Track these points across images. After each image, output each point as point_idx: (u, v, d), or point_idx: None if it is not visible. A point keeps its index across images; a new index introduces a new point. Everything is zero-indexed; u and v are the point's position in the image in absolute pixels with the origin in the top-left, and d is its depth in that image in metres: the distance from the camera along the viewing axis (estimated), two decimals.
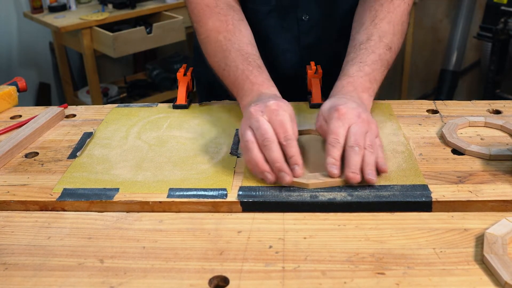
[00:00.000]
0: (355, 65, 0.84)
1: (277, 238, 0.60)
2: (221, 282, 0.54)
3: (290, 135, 0.70)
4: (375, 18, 0.89)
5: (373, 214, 0.64)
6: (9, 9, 2.85)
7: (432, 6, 3.06)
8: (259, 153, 0.70)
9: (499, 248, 0.55)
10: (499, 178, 0.70)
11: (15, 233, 0.63)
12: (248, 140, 0.70)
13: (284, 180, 0.68)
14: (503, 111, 0.91)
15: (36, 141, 0.86)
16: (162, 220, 0.65)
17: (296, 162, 0.69)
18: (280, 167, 0.68)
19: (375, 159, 0.69)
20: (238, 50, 0.88)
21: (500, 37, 2.61)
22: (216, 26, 0.91)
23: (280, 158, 0.68)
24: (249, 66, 0.85)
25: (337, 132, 0.70)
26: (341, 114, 0.71)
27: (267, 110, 0.72)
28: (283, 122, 0.71)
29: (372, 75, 0.83)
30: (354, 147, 0.68)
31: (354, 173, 0.67)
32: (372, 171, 0.68)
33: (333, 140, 0.70)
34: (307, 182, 0.68)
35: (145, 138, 0.85)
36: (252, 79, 0.83)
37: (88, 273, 0.56)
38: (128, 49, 2.61)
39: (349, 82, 0.82)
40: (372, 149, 0.69)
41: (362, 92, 0.81)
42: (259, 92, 0.81)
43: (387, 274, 0.54)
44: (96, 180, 0.73)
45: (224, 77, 0.89)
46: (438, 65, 3.17)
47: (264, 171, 0.69)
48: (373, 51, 0.85)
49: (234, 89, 0.86)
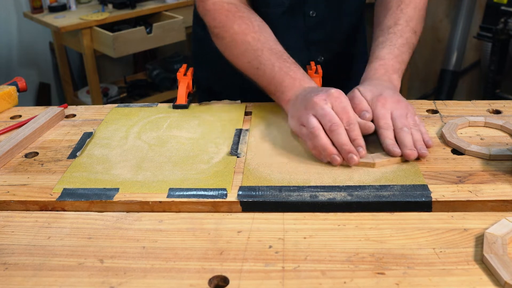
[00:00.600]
0: (385, 48, 0.90)
1: (277, 238, 0.60)
2: (221, 282, 0.54)
3: (352, 119, 0.76)
4: (401, 4, 0.96)
5: (373, 214, 0.64)
6: (9, 9, 2.85)
7: (432, 6, 3.06)
8: (327, 138, 0.75)
9: (499, 248, 0.56)
10: (499, 178, 0.70)
11: (15, 233, 0.63)
12: (314, 127, 0.75)
13: (353, 160, 0.73)
14: (503, 111, 0.91)
15: (36, 141, 0.86)
16: (162, 220, 0.65)
17: (360, 144, 0.74)
18: (349, 149, 0.73)
19: (421, 136, 0.77)
20: (270, 49, 0.89)
21: (500, 37, 2.61)
22: (242, 28, 0.92)
23: (348, 141, 0.74)
24: (285, 63, 0.87)
25: (386, 116, 0.77)
26: (383, 103, 0.78)
27: (330, 97, 0.77)
28: (345, 108, 0.76)
29: (400, 57, 0.90)
30: (404, 128, 0.76)
31: (412, 149, 0.74)
32: (423, 146, 0.75)
33: (384, 124, 0.77)
34: (373, 161, 0.73)
35: (145, 138, 0.85)
36: (292, 75, 0.86)
37: (88, 273, 0.56)
38: (128, 49, 2.61)
39: (380, 65, 0.88)
40: (417, 128, 0.77)
41: (392, 74, 0.87)
42: (301, 86, 0.84)
43: (387, 274, 0.54)
44: (96, 180, 0.73)
45: (257, 76, 0.90)
46: (438, 65, 3.17)
47: (333, 153, 0.74)
48: (401, 35, 0.92)
49: (271, 86, 0.88)
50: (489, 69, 2.74)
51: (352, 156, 0.73)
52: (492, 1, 2.68)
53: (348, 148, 0.73)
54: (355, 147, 0.74)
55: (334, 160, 0.74)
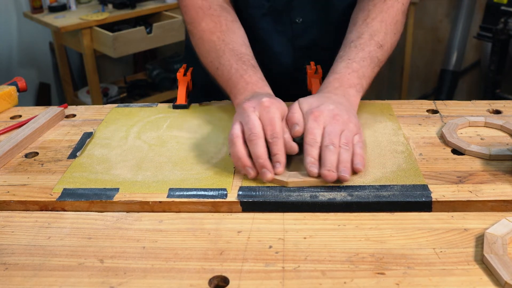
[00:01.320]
0: (343, 62, 0.86)
1: (277, 238, 0.60)
2: (221, 282, 0.54)
3: (277, 133, 0.71)
4: (367, 18, 0.91)
5: (373, 214, 0.64)
6: (9, 9, 2.85)
7: (432, 6, 3.06)
8: (243, 148, 0.71)
9: (499, 248, 0.55)
10: (499, 178, 0.70)
11: (15, 233, 0.63)
12: (233, 134, 0.72)
13: (265, 176, 0.69)
14: (503, 111, 0.91)
15: (36, 141, 0.86)
16: (162, 220, 0.65)
17: (279, 160, 0.70)
18: (263, 163, 0.69)
19: (350, 157, 0.70)
20: (232, 50, 0.89)
21: (500, 37, 2.60)
22: (210, 27, 0.92)
23: (263, 154, 0.70)
24: (243, 66, 0.86)
25: (314, 132, 0.72)
26: (316, 116, 0.73)
27: (260, 106, 0.73)
28: (272, 120, 0.72)
29: (360, 71, 0.84)
30: (329, 146, 0.70)
31: (330, 170, 0.68)
32: (346, 168, 0.69)
33: (310, 140, 0.71)
34: (287, 180, 0.69)
35: (145, 138, 0.85)
36: (246, 78, 0.84)
37: (88, 273, 0.56)
38: (128, 49, 2.61)
39: (335, 79, 0.83)
40: (348, 147, 0.71)
41: (348, 88, 0.82)
42: (253, 91, 0.82)
43: (387, 274, 0.54)
44: (96, 180, 0.73)
45: (217, 76, 0.90)
46: (438, 65, 3.17)
47: (245, 165, 0.70)
48: (362, 49, 0.87)
49: (227, 87, 0.87)
50: (489, 69, 2.74)
51: (265, 171, 0.69)
52: (492, 1, 2.68)
53: (262, 162, 0.69)
54: (274, 163, 0.70)
55: (247, 172, 0.70)
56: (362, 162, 0.71)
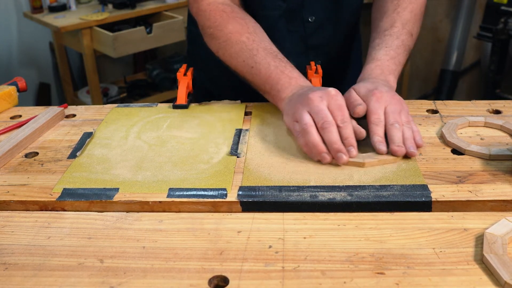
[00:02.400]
0: (381, 49, 0.90)
1: (277, 238, 0.60)
2: (221, 282, 0.54)
3: (346, 117, 0.75)
4: (397, 7, 0.96)
5: (373, 214, 0.64)
6: (9, 9, 2.85)
7: (432, 6, 3.06)
8: (318, 135, 0.74)
9: (499, 248, 0.56)
10: (499, 178, 0.70)
11: (15, 233, 0.63)
12: (307, 123, 0.75)
13: (341, 160, 0.73)
14: (503, 111, 0.91)
15: (36, 141, 0.86)
16: (162, 220, 0.65)
17: (351, 144, 0.74)
18: (338, 148, 0.73)
19: (412, 134, 0.76)
20: (265, 48, 0.90)
21: (500, 37, 2.60)
22: (237, 28, 0.92)
23: (338, 139, 0.73)
24: (281, 63, 0.88)
25: (378, 112, 0.77)
26: (378, 97, 0.78)
27: (327, 95, 0.77)
28: (341, 106, 0.76)
29: (397, 58, 0.90)
30: (395, 124, 0.75)
31: (400, 146, 0.73)
32: (413, 144, 0.75)
33: (375, 120, 0.76)
34: (363, 161, 0.73)
35: (145, 138, 0.85)
36: (288, 74, 0.86)
37: (88, 273, 0.56)
38: (128, 49, 2.61)
39: (377, 66, 0.88)
40: (410, 125, 0.77)
41: (388, 75, 0.87)
42: (298, 84, 0.85)
43: (387, 274, 0.54)
44: (96, 180, 0.73)
45: (252, 74, 0.90)
46: (438, 65, 3.17)
47: (322, 151, 0.73)
48: (397, 37, 0.92)
49: (267, 84, 0.88)
50: (489, 69, 2.74)
51: (341, 155, 0.72)
52: (492, 1, 2.68)
53: (338, 147, 0.73)
54: (346, 147, 0.73)
55: (323, 158, 0.73)
56: (421, 137, 0.77)
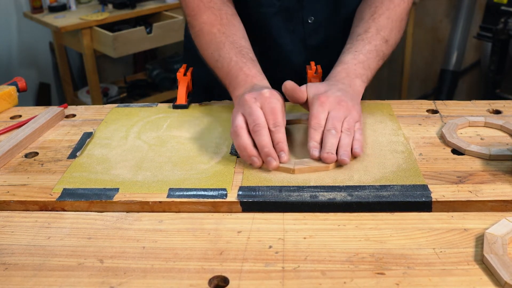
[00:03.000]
0: (350, 53, 0.88)
1: (277, 238, 0.60)
2: (221, 282, 0.54)
3: (279, 121, 0.74)
4: (374, 14, 0.94)
5: (373, 214, 0.64)
6: (9, 9, 2.85)
7: (432, 6, 3.06)
8: (248, 138, 0.73)
9: (499, 248, 0.55)
10: (499, 178, 0.70)
11: (15, 233, 0.63)
12: (237, 125, 0.74)
13: (271, 164, 0.71)
14: (503, 111, 0.91)
15: (36, 141, 0.86)
16: (162, 220, 0.65)
17: (282, 149, 0.72)
18: (268, 152, 0.71)
19: (350, 142, 0.74)
20: (232, 42, 0.90)
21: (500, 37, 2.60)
22: (211, 19, 0.93)
23: (268, 143, 0.72)
24: (243, 58, 0.87)
25: (319, 116, 0.75)
26: (322, 101, 0.76)
27: (261, 97, 0.76)
28: (274, 109, 0.74)
29: (366, 63, 0.87)
30: (331, 130, 0.73)
31: (329, 153, 0.71)
32: (346, 152, 0.72)
33: (315, 124, 0.74)
34: (293, 168, 0.71)
35: (145, 138, 0.85)
36: (246, 71, 0.85)
37: (88, 273, 0.56)
38: (128, 49, 2.61)
39: (343, 69, 0.86)
40: (349, 132, 0.74)
41: (354, 78, 0.85)
42: (252, 83, 0.84)
43: (387, 274, 0.54)
44: (96, 180, 0.73)
45: (217, 68, 0.91)
46: (438, 65, 3.17)
47: (251, 155, 0.72)
48: (369, 42, 0.90)
49: (227, 80, 0.88)
50: (489, 69, 2.74)
51: (270, 159, 0.71)
52: (492, 1, 2.68)
53: (268, 151, 0.71)
54: (278, 151, 0.72)
55: (253, 162, 0.72)
56: (361, 147, 0.75)
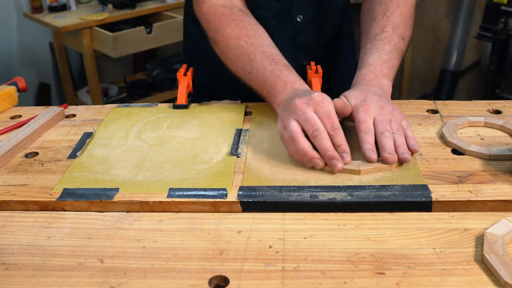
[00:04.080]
0: (373, 54, 0.89)
1: (277, 238, 0.60)
2: (221, 282, 0.54)
3: (336, 124, 0.74)
4: (386, 12, 0.95)
5: (373, 214, 0.64)
6: (9, 9, 2.85)
7: (432, 6, 3.06)
8: (307, 142, 0.73)
9: (499, 248, 0.56)
10: (499, 178, 0.70)
11: (15, 233, 0.63)
12: (294, 131, 0.74)
13: (336, 167, 0.71)
14: (503, 111, 0.91)
15: (36, 141, 0.86)
16: (162, 220, 0.65)
17: (345, 150, 0.73)
18: (332, 155, 0.72)
19: (404, 141, 0.75)
20: (263, 52, 0.89)
21: (500, 37, 2.60)
22: (236, 32, 0.92)
23: (331, 146, 0.72)
24: (277, 66, 0.87)
25: (367, 121, 0.76)
26: (366, 108, 0.77)
27: (313, 102, 0.76)
28: (329, 113, 0.75)
29: (390, 62, 0.89)
30: (385, 133, 0.75)
31: (391, 154, 0.72)
32: (405, 150, 0.74)
33: (365, 129, 0.76)
34: (358, 169, 0.72)
35: (145, 138, 0.85)
36: (283, 78, 0.85)
37: (88, 273, 0.56)
38: (128, 49, 2.61)
39: (370, 70, 0.87)
40: (400, 132, 0.76)
41: (382, 78, 0.86)
42: (293, 88, 0.83)
43: (387, 274, 0.54)
44: (96, 180, 0.73)
45: (251, 80, 0.90)
46: (438, 65, 3.17)
47: (314, 157, 0.72)
48: (389, 41, 0.91)
49: (264, 90, 0.87)
50: (489, 69, 2.74)
51: (335, 162, 0.71)
52: (492, 1, 2.68)
53: (331, 154, 0.71)
54: (340, 153, 0.72)
55: (316, 164, 0.72)
56: (416, 143, 0.76)
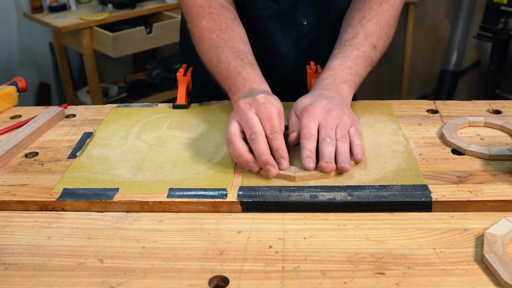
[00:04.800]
0: (337, 59, 0.88)
1: (277, 238, 0.60)
2: (221, 282, 0.54)
3: (276, 128, 0.72)
4: (362, 19, 0.93)
5: (373, 214, 0.64)
6: (9, 9, 2.85)
7: (432, 6, 3.06)
8: (243, 144, 0.72)
9: (499, 248, 0.56)
10: (499, 178, 0.70)
11: (15, 233, 0.63)
12: (231, 133, 0.73)
13: (270, 172, 0.70)
14: (503, 111, 0.91)
15: (36, 141, 0.86)
16: (162, 220, 0.65)
17: (282, 155, 0.71)
18: (266, 160, 0.70)
19: (348, 148, 0.72)
20: (231, 47, 0.89)
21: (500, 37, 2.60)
22: (210, 25, 0.92)
23: (266, 151, 0.70)
24: (241, 63, 0.87)
25: (309, 126, 0.74)
26: (310, 113, 0.75)
27: (256, 103, 0.75)
28: (270, 116, 0.73)
29: (354, 69, 0.87)
30: (326, 139, 0.72)
31: (328, 162, 0.70)
32: (346, 159, 0.71)
33: (306, 133, 0.73)
34: (294, 175, 0.70)
35: (145, 138, 0.85)
36: (244, 75, 0.85)
37: (88, 273, 0.56)
38: (128, 49, 2.61)
39: (329, 75, 0.85)
40: (345, 139, 0.73)
41: (341, 84, 0.84)
42: (250, 87, 0.83)
43: (387, 274, 0.54)
44: (96, 180, 0.73)
45: (216, 73, 0.90)
46: (438, 65, 3.17)
47: (248, 161, 0.71)
48: (357, 48, 0.89)
49: (226, 85, 0.88)
50: (489, 69, 2.74)
51: (269, 168, 0.69)
52: (492, 1, 2.68)
53: (266, 159, 0.70)
54: (277, 158, 0.71)
55: (251, 167, 0.71)
56: (362, 151, 0.73)
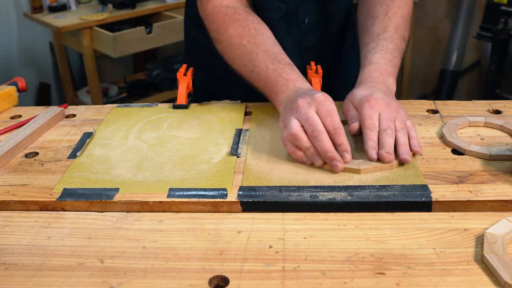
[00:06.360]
0: (378, 53, 0.89)
1: (277, 238, 0.60)
2: (221, 282, 0.54)
3: (338, 123, 0.73)
4: (387, 12, 0.95)
5: (373, 214, 0.64)
6: (9, 9, 2.85)
7: (432, 6, 3.06)
8: (308, 141, 0.73)
9: (499, 248, 0.56)
10: (499, 178, 0.70)
11: (15, 233, 0.63)
12: (293, 129, 0.74)
13: (337, 167, 0.71)
14: (503, 111, 0.91)
15: (36, 141, 0.86)
16: (162, 220, 0.65)
17: (346, 149, 0.72)
18: (332, 156, 0.71)
19: (407, 140, 0.75)
20: (265, 51, 0.89)
21: (500, 37, 2.61)
22: (238, 32, 0.92)
23: (331, 147, 0.72)
24: (279, 65, 0.87)
25: (372, 117, 0.76)
26: (372, 104, 0.77)
27: (315, 101, 0.75)
28: (331, 112, 0.74)
29: (393, 61, 0.89)
30: (387, 130, 0.74)
31: (388, 153, 0.72)
32: (406, 151, 0.73)
33: (370, 125, 0.75)
34: (358, 168, 0.71)
35: (145, 138, 0.85)
36: (285, 76, 0.85)
37: (88, 273, 0.56)
38: (128, 49, 2.61)
39: (375, 68, 0.87)
40: (404, 131, 0.75)
41: (388, 77, 0.86)
42: (295, 87, 0.83)
43: (387, 274, 0.54)
44: (96, 180, 0.73)
45: (253, 78, 0.90)
46: (438, 65, 3.17)
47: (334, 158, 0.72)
48: (391, 41, 0.91)
49: (266, 88, 0.87)
50: (489, 69, 2.74)
51: (336, 163, 0.71)
52: (492, 1, 2.68)
53: (331, 155, 0.71)
54: (341, 152, 0.72)
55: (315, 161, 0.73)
56: (419, 144, 0.76)
